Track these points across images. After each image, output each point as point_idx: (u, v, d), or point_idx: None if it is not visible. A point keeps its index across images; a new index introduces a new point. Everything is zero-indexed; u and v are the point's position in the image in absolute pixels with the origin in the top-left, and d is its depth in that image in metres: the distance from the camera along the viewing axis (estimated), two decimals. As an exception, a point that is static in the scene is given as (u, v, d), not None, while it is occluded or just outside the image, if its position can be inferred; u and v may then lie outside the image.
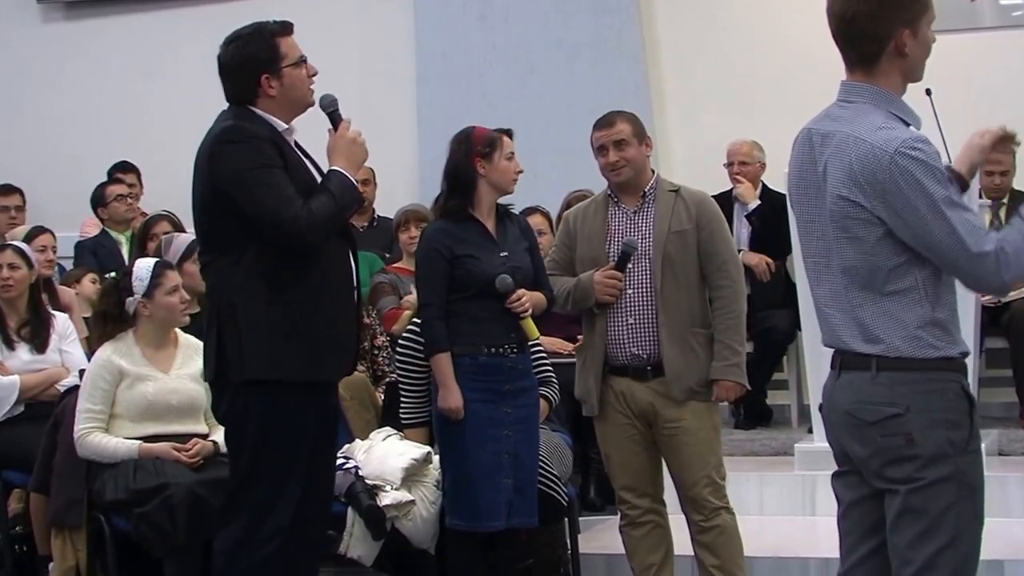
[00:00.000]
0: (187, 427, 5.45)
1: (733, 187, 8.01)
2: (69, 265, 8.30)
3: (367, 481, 5.43)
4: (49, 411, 5.81)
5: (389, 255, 7.72)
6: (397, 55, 9.39)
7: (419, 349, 5.43)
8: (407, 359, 5.57)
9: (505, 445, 5.06)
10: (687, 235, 5.07)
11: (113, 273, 6.21)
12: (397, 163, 8.86)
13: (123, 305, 5.49)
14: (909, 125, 3.32)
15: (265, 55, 4.41)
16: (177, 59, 9.48)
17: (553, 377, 5.80)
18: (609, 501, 6.20)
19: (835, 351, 3.39)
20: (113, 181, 8.83)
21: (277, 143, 4.38)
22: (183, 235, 6.54)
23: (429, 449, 5.53)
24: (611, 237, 5.14)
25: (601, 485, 6.54)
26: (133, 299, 5.48)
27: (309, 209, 4.29)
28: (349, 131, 4.49)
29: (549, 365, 5.83)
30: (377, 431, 5.80)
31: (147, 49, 9.86)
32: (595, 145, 5.16)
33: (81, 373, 5.75)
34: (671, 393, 5.03)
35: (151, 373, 5.44)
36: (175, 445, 5.32)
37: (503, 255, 5.11)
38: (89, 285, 7.36)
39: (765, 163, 8.01)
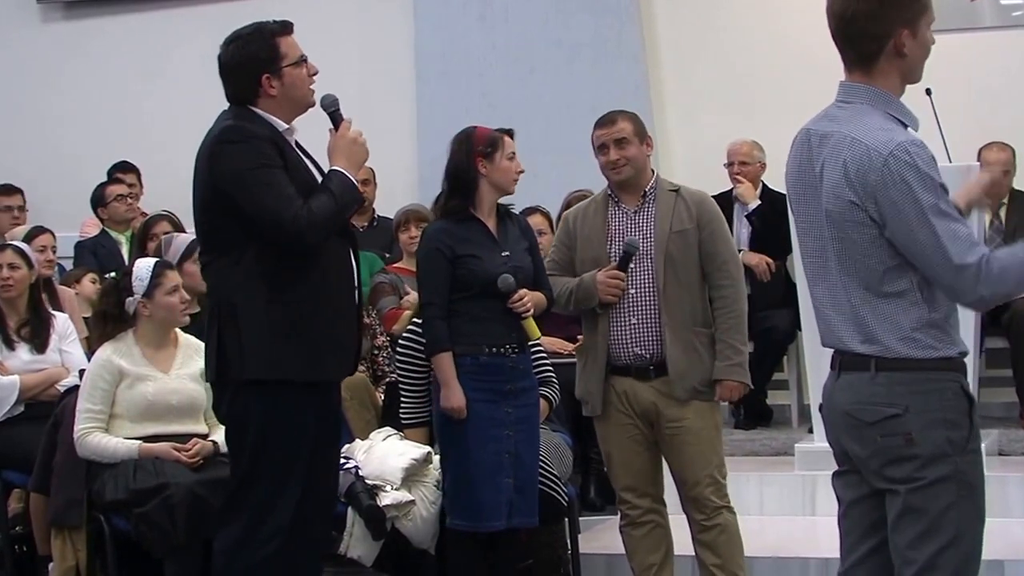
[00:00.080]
0: (187, 427, 5.44)
1: (733, 187, 8.01)
2: (69, 265, 8.30)
3: (367, 481, 5.43)
4: (49, 411, 5.81)
5: (389, 255, 7.71)
6: (397, 55, 9.38)
7: (419, 349, 5.43)
8: (407, 359, 5.57)
9: (506, 445, 5.05)
10: (688, 235, 5.08)
11: (113, 273, 6.21)
12: (397, 163, 8.85)
13: (123, 305, 5.49)
14: (907, 127, 3.32)
15: (265, 55, 4.41)
16: (177, 59, 9.48)
17: (553, 377, 5.80)
18: (609, 501, 6.20)
19: (835, 352, 3.39)
20: (113, 181, 8.82)
21: (277, 143, 4.38)
22: (183, 235, 6.54)
23: (429, 449, 5.53)
24: (612, 237, 5.14)
25: (601, 485, 6.54)
26: (133, 299, 5.48)
27: (309, 209, 4.29)
28: (350, 131, 4.49)
29: (549, 365, 5.83)
30: (377, 431, 5.80)
31: (147, 49, 9.85)
32: (596, 143, 5.16)
33: (81, 373, 5.75)
34: (674, 392, 5.03)
35: (151, 373, 5.44)
36: (175, 445, 5.32)
37: (504, 255, 5.10)
38: (89, 285, 7.35)
39: (765, 163, 8.01)
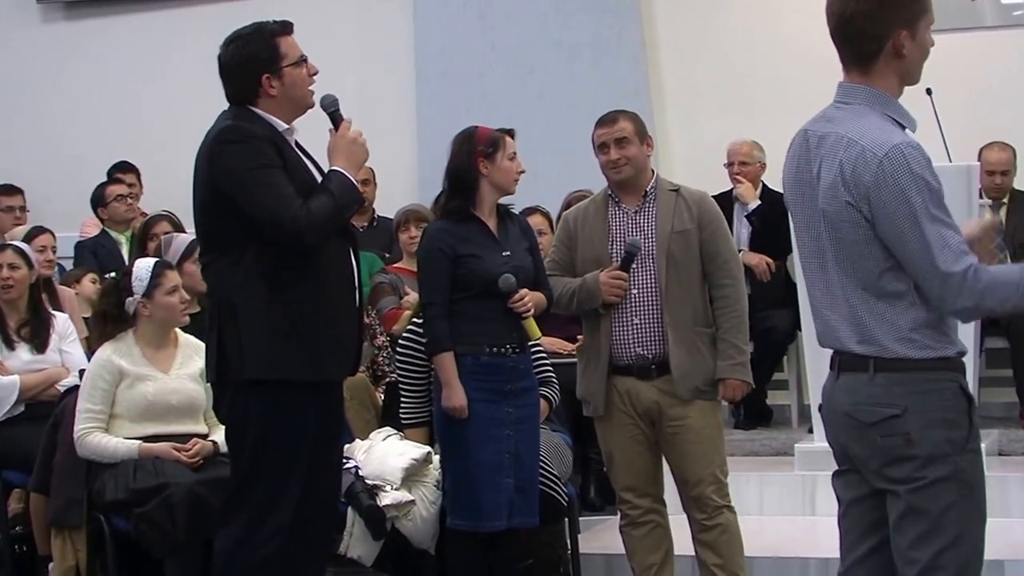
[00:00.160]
0: (187, 427, 5.44)
1: (733, 187, 8.01)
2: (69, 265, 8.30)
3: (367, 481, 5.43)
4: (49, 411, 5.81)
5: (389, 255, 7.71)
6: (397, 55, 9.38)
7: (419, 349, 5.43)
8: (407, 359, 5.57)
9: (506, 445, 5.05)
10: (689, 235, 5.08)
11: (113, 273, 6.21)
12: (397, 163, 8.85)
13: (123, 305, 5.49)
14: (905, 128, 3.32)
15: (265, 55, 4.41)
16: (177, 59, 9.48)
17: (553, 377, 5.80)
18: (609, 501, 6.20)
19: (834, 352, 3.39)
20: (113, 181, 8.82)
21: (277, 143, 4.38)
22: (183, 235, 6.54)
23: (429, 449, 5.53)
24: (613, 237, 5.14)
25: (601, 485, 6.54)
26: (133, 299, 5.48)
27: (308, 209, 4.29)
28: (350, 131, 4.48)
29: (549, 365, 5.83)
30: (377, 431, 5.80)
31: (147, 49, 9.85)
32: (596, 143, 5.16)
33: (81, 373, 5.75)
34: (677, 392, 5.03)
35: (151, 373, 5.44)
36: (175, 445, 5.32)
37: (505, 255, 5.10)
38: (89, 285, 7.35)
39: (765, 163, 8.01)
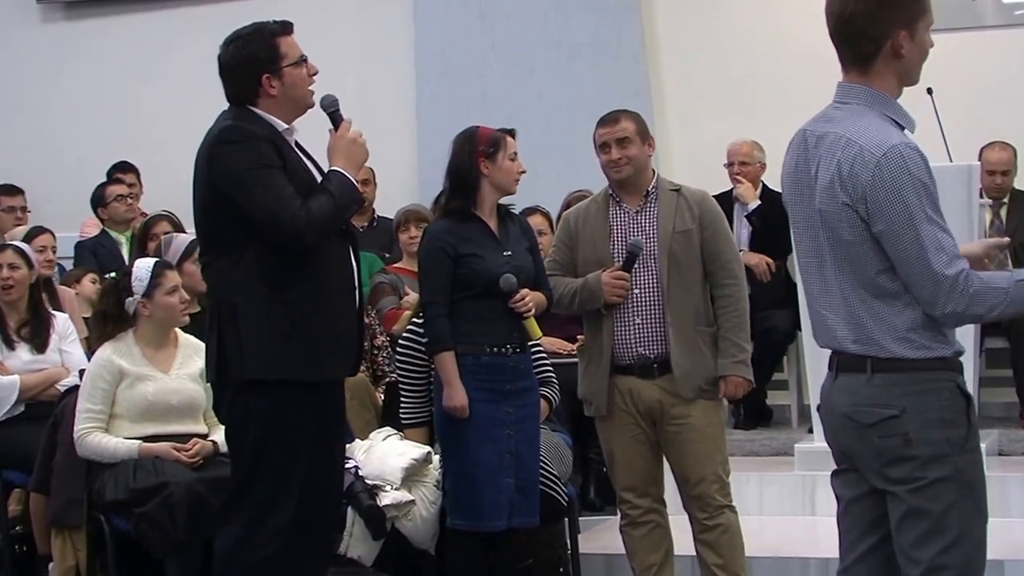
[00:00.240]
0: (187, 427, 5.44)
1: (733, 187, 8.01)
2: (69, 265, 8.30)
3: (367, 481, 5.43)
4: (49, 411, 5.81)
5: (389, 255, 7.71)
6: (397, 55, 9.38)
7: (419, 349, 5.43)
8: (407, 359, 5.57)
9: (507, 445, 5.05)
10: (691, 235, 5.07)
11: (113, 273, 6.21)
12: (397, 163, 8.85)
13: (123, 305, 5.49)
14: (903, 129, 3.32)
15: (265, 55, 4.41)
16: (177, 59, 9.48)
17: (553, 377, 5.80)
18: (609, 501, 6.20)
19: (832, 352, 3.39)
20: (113, 181, 8.82)
21: (276, 143, 4.38)
22: (183, 235, 6.54)
23: (429, 449, 5.53)
24: (614, 237, 5.14)
25: (601, 485, 6.53)
26: (133, 299, 5.48)
27: (308, 209, 4.29)
28: (350, 131, 4.48)
29: (549, 365, 5.83)
30: (377, 431, 5.80)
31: (147, 49, 9.86)
32: (598, 142, 5.15)
33: (81, 373, 5.75)
34: (679, 391, 5.03)
35: (151, 373, 5.44)
36: (175, 445, 5.32)
37: (506, 254, 5.10)
38: (89, 285, 7.35)
39: (765, 163, 8.01)
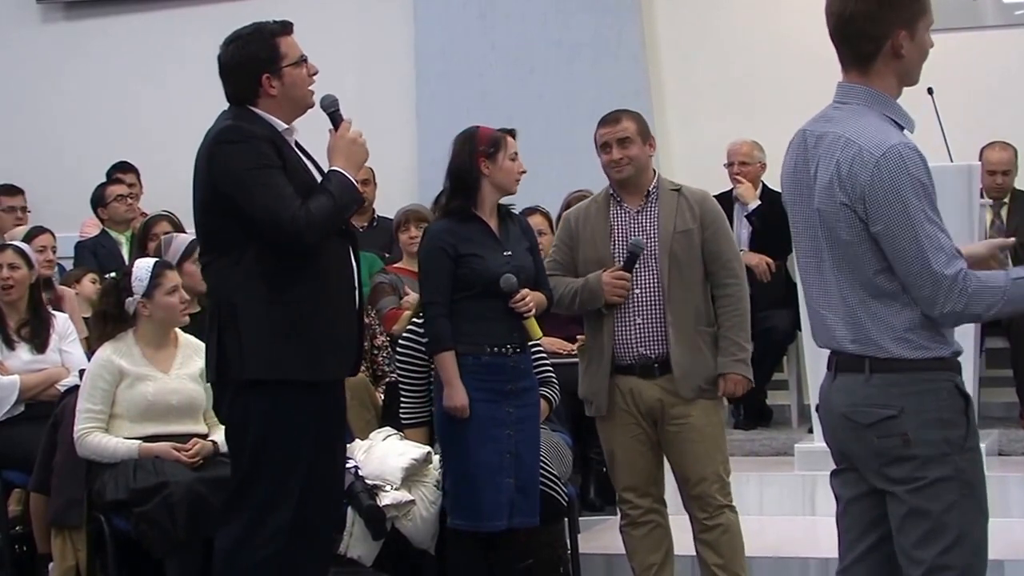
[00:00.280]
0: (187, 427, 5.44)
1: (733, 187, 8.00)
2: (69, 265, 8.30)
3: (367, 481, 5.43)
4: (49, 411, 5.81)
5: (389, 255, 7.71)
6: (397, 55, 9.38)
7: (419, 349, 5.43)
8: (407, 359, 5.57)
9: (507, 445, 5.05)
10: (692, 235, 5.07)
11: (113, 273, 6.21)
12: (397, 163, 8.85)
13: (123, 305, 5.49)
14: (903, 129, 3.32)
15: (265, 55, 4.41)
16: (177, 59, 9.48)
17: (553, 377, 5.79)
18: (609, 501, 6.20)
19: (831, 352, 3.39)
20: (113, 181, 8.82)
21: (276, 143, 4.37)
22: (183, 235, 6.54)
23: (429, 449, 5.53)
24: (615, 237, 5.13)
25: (601, 485, 6.53)
26: (133, 299, 5.48)
27: (307, 209, 4.29)
28: (350, 131, 4.48)
29: (549, 365, 5.83)
30: (377, 431, 5.80)
31: (147, 49, 9.86)
32: (599, 142, 5.15)
33: (81, 373, 5.75)
34: (679, 391, 5.03)
35: (151, 373, 5.44)
36: (175, 445, 5.32)
37: (507, 254, 5.10)
38: (89, 285, 7.35)
39: (765, 163, 8.00)
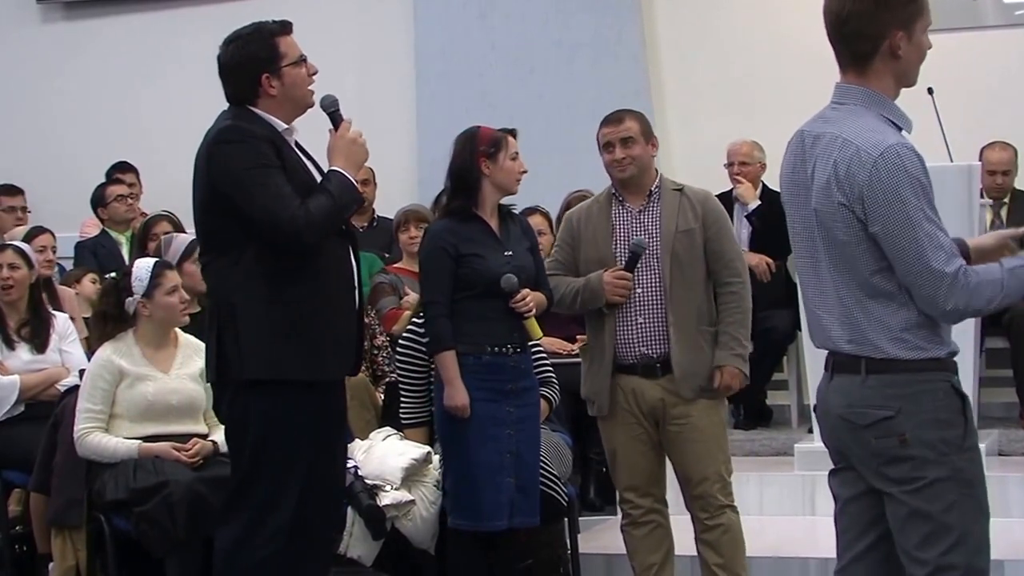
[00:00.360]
0: (187, 427, 5.44)
1: (733, 187, 8.00)
2: (69, 265, 8.30)
3: (367, 481, 5.43)
4: (49, 411, 5.82)
5: (389, 255, 7.71)
6: (397, 55, 9.38)
7: (419, 349, 5.43)
8: (407, 359, 5.57)
9: (507, 444, 5.05)
10: (694, 234, 5.07)
11: (113, 273, 6.21)
12: (397, 163, 8.85)
13: (123, 305, 5.49)
14: (900, 129, 3.32)
15: (265, 55, 4.41)
16: (177, 59, 9.48)
17: (553, 377, 5.79)
18: (609, 501, 6.20)
19: (828, 352, 3.39)
20: (113, 181, 8.82)
21: (276, 143, 4.37)
22: (183, 235, 6.54)
23: (429, 449, 5.53)
24: (617, 237, 5.13)
25: (601, 485, 6.54)
26: (133, 299, 5.48)
27: (307, 209, 4.29)
28: (349, 131, 4.48)
29: (549, 365, 5.83)
30: (377, 431, 5.80)
31: (147, 49, 9.86)
32: (601, 141, 5.15)
33: (81, 373, 5.75)
34: (680, 391, 5.03)
35: (151, 373, 5.44)
36: (175, 445, 5.32)
37: (507, 254, 5.10)
38: (89, 285, 7.35)
39: (765, 163, 8.00)
